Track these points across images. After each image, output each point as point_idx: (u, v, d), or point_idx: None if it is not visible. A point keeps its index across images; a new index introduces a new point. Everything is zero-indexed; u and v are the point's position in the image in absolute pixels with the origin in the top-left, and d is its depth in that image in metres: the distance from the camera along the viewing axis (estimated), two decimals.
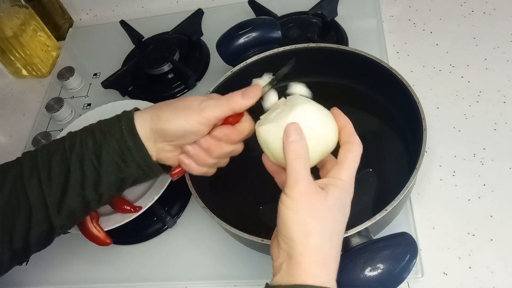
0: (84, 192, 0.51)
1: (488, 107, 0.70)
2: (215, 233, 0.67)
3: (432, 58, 0.77)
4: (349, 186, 0.44)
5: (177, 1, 1.01)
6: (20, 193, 0.50)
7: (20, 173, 0.51)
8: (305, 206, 0.41)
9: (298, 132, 0.44)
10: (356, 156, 0.45)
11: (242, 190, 0.67)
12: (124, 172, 0.51)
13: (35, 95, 0.96)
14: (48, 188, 0.50)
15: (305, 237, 0.41)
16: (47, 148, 0.52)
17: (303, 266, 0.40)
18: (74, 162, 0.50)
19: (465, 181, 0.64)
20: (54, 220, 0.51)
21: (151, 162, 0.51)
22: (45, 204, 0.50)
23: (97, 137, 0.50)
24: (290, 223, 0.41)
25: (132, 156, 0.50)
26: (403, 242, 0.50)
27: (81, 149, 0.50)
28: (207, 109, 0.48)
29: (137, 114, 0.51)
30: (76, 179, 0.50)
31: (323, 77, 0.70)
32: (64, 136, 0.53)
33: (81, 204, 0.51)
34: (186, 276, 0.65)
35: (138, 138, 0.50)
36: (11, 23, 0.90)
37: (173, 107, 0.50)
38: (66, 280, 0.69)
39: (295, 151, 0.43)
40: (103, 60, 0.96)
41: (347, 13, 0.86)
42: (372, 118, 0.68)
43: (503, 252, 0.58)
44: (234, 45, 0.73)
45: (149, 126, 0.50)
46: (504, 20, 0.79)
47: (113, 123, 0.51)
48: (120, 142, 0.50)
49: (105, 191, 0.51)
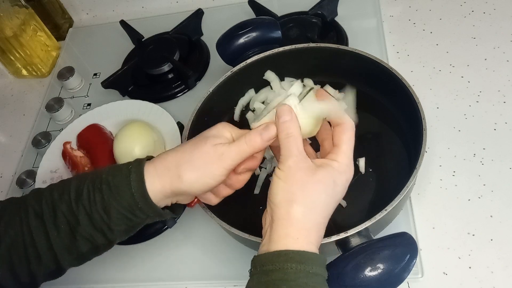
0: (93, 239, 0.51)
1: (488, 107, 0.70)
2: (215, 233, 0.67)
3: (432, 58, 0.77)
4: (345, 167, 0.47)
5: (177, 1, 1.01)
6: (27, 240, 0.50)
7: (26, 218, 0.50)
8: (292, 177, 0.45)
9: (288, 112, 0.47)
10: (349, 136, 0.48)
11: (242, 190, 0.67)
12: (133, 222, 0.50)
13: (35, 95, 0.96)
14: (55, 236, 0.50)
15: (288, 204, 0.44)
16: (51, 194, 0.51)
17: (284, 230, 0.44)
18: (81, 214, 0.49)
19: (465, 181, 0.64)
20: (62, 262, 0.51)
21: (161, 213, 0.51)
22: (52, 251, 0.50)
23: (104, 194, 0.49)
24: (277, 190, 0.45)
25: (142, 211, 0.49)
26: (403, 242, 0.50)
27: (88, 203, 0.49)
28: (228, 159, 0.48)
29: (150, 173, 0.49)
30: (85, 230, 0.50)
31: (323, 77, 0.70)
32: (69, 181, 0.51)
33: (91, 249, 0.52)
34: (186, 276, 0.65)
35: (149, 200, 0.49)
36: (11, 23, 0.90)
37: (195, 166, 0.48)
38: (66, 280, 0.69)
39: (286, 130, 0.46)
40: (103, 60, 0.96)
41: (347, 13, 0.86)
42: (372, 118, 0.68)
43: (503, 252, 0.58)
44: (234, 45, 0.73)
45: (169, 188, 0.49)
46: (504, 20, 0.79)
47: (122, 181, 0.48)
48: (130, 202, 0.49)
49: (115, 238, 0.51)
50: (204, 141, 0.49)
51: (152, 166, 0.49)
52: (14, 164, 0.85)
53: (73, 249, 0.51)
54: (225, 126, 0.51)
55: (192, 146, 0.49)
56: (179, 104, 0.84)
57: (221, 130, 0.51)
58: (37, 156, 0.84)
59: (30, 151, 0.86)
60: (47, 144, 0.83)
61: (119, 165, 0.51)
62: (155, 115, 0.78)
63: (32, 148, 0.84)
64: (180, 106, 0.83)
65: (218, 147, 0.48)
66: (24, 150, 0.87)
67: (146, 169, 0.49)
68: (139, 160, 0.51)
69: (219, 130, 0.51)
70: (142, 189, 0.48)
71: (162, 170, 0.49)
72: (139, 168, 0.49)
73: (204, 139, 0.49)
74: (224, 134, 0.50)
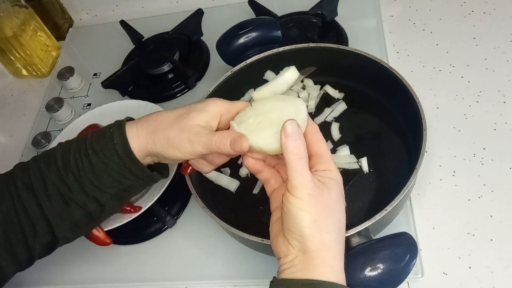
0: (85, 205, 0.51)
1: (488, 107, 0.70)
2: (215, 233, 0.67)
3: (432, 58, 0.77)
4: (338, 174, 0.46)
5: (177, 1, 1.01)
6: (20, 211, 0.50)
7: (16, 191, 0.50)
8: (315, 205, 0.42)
9: (297, 131, 0.43)
10: (324, 141, 0.47)
11: (242, 190, 0.67)
12: (124, 184, 0.51)
13: (35, 95, 0.96)
14: (48, 205, 0.50)
15: (320, 234, 0.42)
16: (38, 165, 0.51)
17: (319, 260, 0.42)
18: (71, 181, 0.50)
19: (465, 181, 0.64)
20: (57, 232, 0.51)
21: (149, 174, 0.52)
22: (46, 219, 0.50)
23: (92, 159, 0.50)
24: (303, 222, 0.42)
25: (131, 172, 0.50)
26: (403, 242, 0.50)
27: (77, 169, 0.50)
28: (197, 146, 0.48)
29: (131, 133, 0.50)
30: (76, 196, 0.50)
31: (323, 77, 0.70)
32: (53, 151, 0.52)
33: (83, 216, 0.52)
34: (186, 276, 0.65)
35: (136, 159, 0.50)
36: (11, 23, 0.90)
37: (168, 137, 0.49)
38: (66, 280, 0.69)
39: (296, 151, 0.43)
40: (103, 60, 0.96)
41: (347, 13, 0.86)
42: (372, 118, 0.68)
43: (503, 252, 0.58)
44: (234, 45, 0.73)
45: (146, 148, 0.50)
46: (504, 20, 0.79)
47: (106, 144, 0.50)
48: (118, 163, 0.50)
49: (107, 202, 0.52)
50: (186, 115, 0.49)
51: (135, 126, 0.51)
52: (14, 164, 0.85)
53: (67, 216, 0.51)
54: (215, 100, 0.51)
55: (174, 117, 0.50)
56: (179, 104, 0.82)
57: (209, 104, 0.50)
58: None
59: (30, 151, 0.86)
60: (47, 144, 0.83)
61: (101, 129, 0.52)
62: None
63: (32, 148, 0.84)
64: (180, 106, 0.83)
65: (193, 129, 0.48)
66: (24, 150, 0.87)
67: (129, 129, 0.50)
68: (119, 121, 0.52)
69: (206, 105, 0.50)
70: (127, 149, 0.49)
71: (141, 131, 0.50)
72: (120, 129, 0.50)
73: (187, 113, 0.50)
74: (210, 109, 0.50)
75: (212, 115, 0.49)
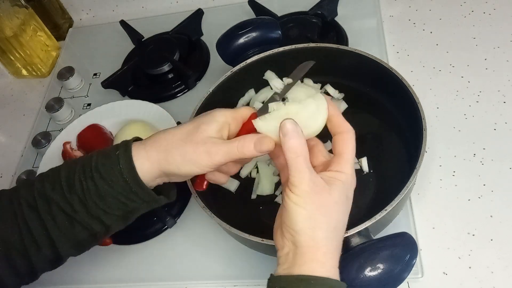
0: (90, 226, 0.51)
1: (488, 107, 0.70)
2: (215, 233, 0.67)
3: (432, 58, 0.77)
4: (351, 178, 0.46)
5: (177, 1, 1.01)
6: (24, 230, 0.50)
7: (20, 210, 0.50)
8: (311, 202, 0.43)
9: (294, 130, 0.44)
10: (352, 145, 0.47)
11: (242, 191, 0.67)
12: (129, 206, 0.51)
13: (35, 95, 0.96)
14: (52, 224, 0.50)
15: (311, 230, 0.43)
16: (43, 186, 0.50)
17: (310, 255, 0.43)
18: (76, 203, 0.49)
19: (465, 181, 0.64)
20: (61, 250, 0.51)
21: (156, 198, 0.51)
22: (50, 238, 0.50)
23: (97, 182, 0.49)
24: (297, 217, 0.43)
25: (137, 195, 0.50)
26: (403, 242, 0.50)
27: (82, 192, 0.49)
28: (217, 156, 0.47)
29: (140, 155, 0.49)
30: (81, 217, 0.50)
31: (323, 77, 0.70)
32: (58, 171, 0.51)
33: (88, 237, 0.52)
34: (186, 276, 0.65)
35: (142, 183, 0.49)
36: (11, 23, 0.90)
37: (183, 153, 0.48)
38: (66, 280, 0.69)
39: (293, 150, 0.44)
40: (103, 60, 0.96)
41: (347, 13, 0.86)
42: (372, 118, 0.68)
43: (503, 252, 0.58)
44: (234, 45, 0.73)
45: (158, 169, 0.49)
46: (504, 20, 0.79)
47: (112, 168, 0.49)
48: (124, 187, 0.49)
49: (112, 223, 0.51)
50: (196, 130, 0.49)
51: (143, 147, 0.50)
52: (14, 164, 0.85)
53: (71, 235, 0.51)
54: (220, 110, 0.51)
55: (184, 134, 0.49)
56: (179, 104, 0.84)
57: (216, 115, 0.50)
58: (37, 156, 0.84)
59: (30, 151, 0.86)
60: (47, 144, 0.83)
61: (107, 150, 0.51)
62: (155, 115, 0.78)
63: (32, 148, 0.84)
64: (180, 106, 0.83)
65: (208, 141, 0.48)
66: (24, 150, 0.87)
67: (136, 151, 0.49)
68: (125, 143, 0.50)
69: (213, 116, 0.50)
70: (133, 174, 0.48)
71: (151, 152, 0.49)
72: (127, 152, 0.49)
73: (196, 127, 0.49)
74: (218, 119, 0.49)
75: (221, 125, 0.49)
